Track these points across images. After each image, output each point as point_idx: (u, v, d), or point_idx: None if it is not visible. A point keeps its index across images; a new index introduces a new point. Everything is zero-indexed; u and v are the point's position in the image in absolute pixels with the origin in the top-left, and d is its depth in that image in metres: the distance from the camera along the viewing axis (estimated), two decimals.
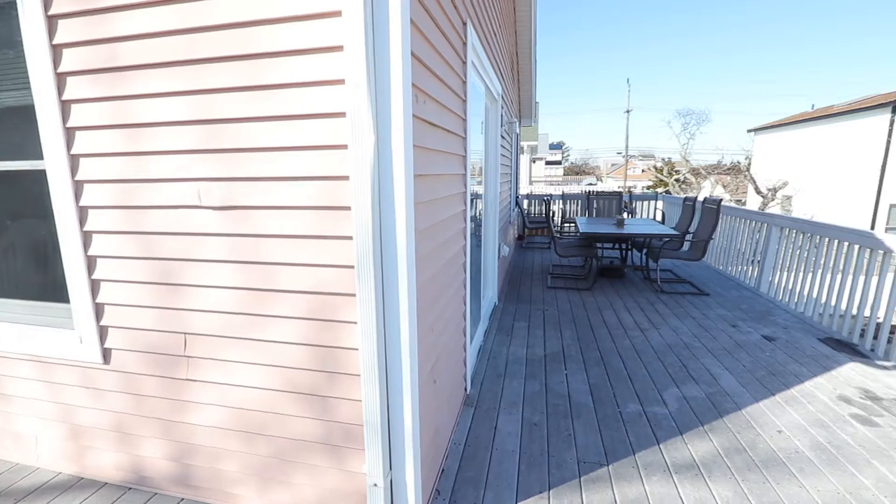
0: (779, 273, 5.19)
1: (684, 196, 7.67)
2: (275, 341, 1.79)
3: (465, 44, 2.57)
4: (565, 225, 9.93)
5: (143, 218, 1.84)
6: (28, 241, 2.18)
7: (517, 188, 9.32)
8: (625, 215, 9.40)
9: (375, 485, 1.77)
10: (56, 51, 1.81)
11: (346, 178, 1.56)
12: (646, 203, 10.42)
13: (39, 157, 1.97)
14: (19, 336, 2.18)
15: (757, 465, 2.31)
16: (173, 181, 1.77)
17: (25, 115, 1.96)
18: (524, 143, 17.03)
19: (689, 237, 6.14)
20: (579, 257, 6.70)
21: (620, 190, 13.60)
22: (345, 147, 1.54)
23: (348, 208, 1.58)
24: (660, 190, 26.83)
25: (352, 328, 1.67)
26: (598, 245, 6.69)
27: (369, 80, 1.47)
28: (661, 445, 2.48)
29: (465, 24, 2.56)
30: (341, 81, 1.50)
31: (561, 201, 10.42)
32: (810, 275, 4.56)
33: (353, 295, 1.64)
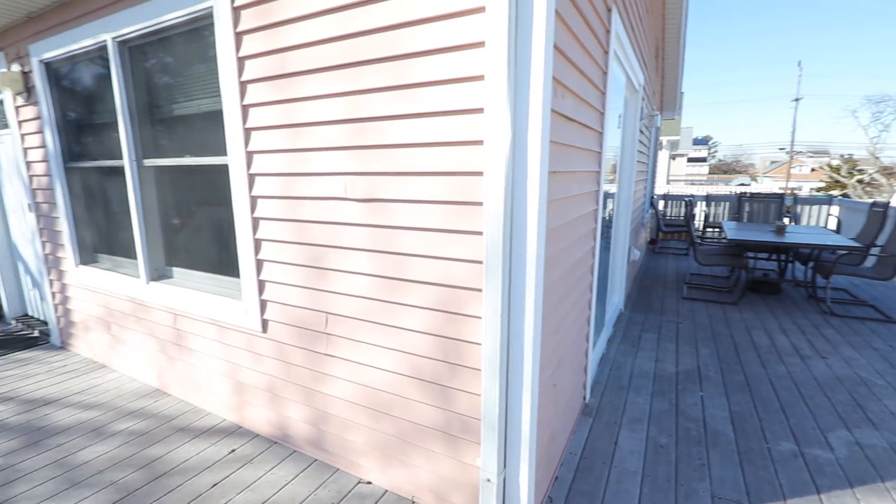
0: None
1: (871, 201, 6.29)
2: (404, 328, 1.89)
3: (608, 32, 2.41)
4: (708, 230, 8.87)
5: (300, 207, 2.08)
6: (212, 224, 2.61)
7: (653, 187, 8.57)
8: (786, 221, 8.07)
9: (489, 480, 1.78)
10: (240, 62, 2.13)
11: (479, 173, 1.57)
12: (814, 208, 8.82)
13: (223, 153, 2.34)
14: (204, 302, 2.63)
15: None
16: (325, 175, 1.96)
17: (213, 119, 2.34)
18: (664, 138, 15.58)
19: (874, 251, 5.03)
20: (724, 267, 5.93)
21: (782, 192, 11.70)
22: (480, 143, 1.55)
23: (480, 204, 1.59)
24: (835, 192, 22.44)
25: (476, 323, 1.69)
26: (749, 254, 5.84)
27: (509, 75, 1.45)
28: (821, 496, 2.08)
29: (609, 10, 2.40)
30: (480, 77, 1.51)
31: (704, 203, 9.33)
32: None
33: (480, 290, 1.65)
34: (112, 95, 2.78)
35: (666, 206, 9.64)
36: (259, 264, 2.31)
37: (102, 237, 3.34)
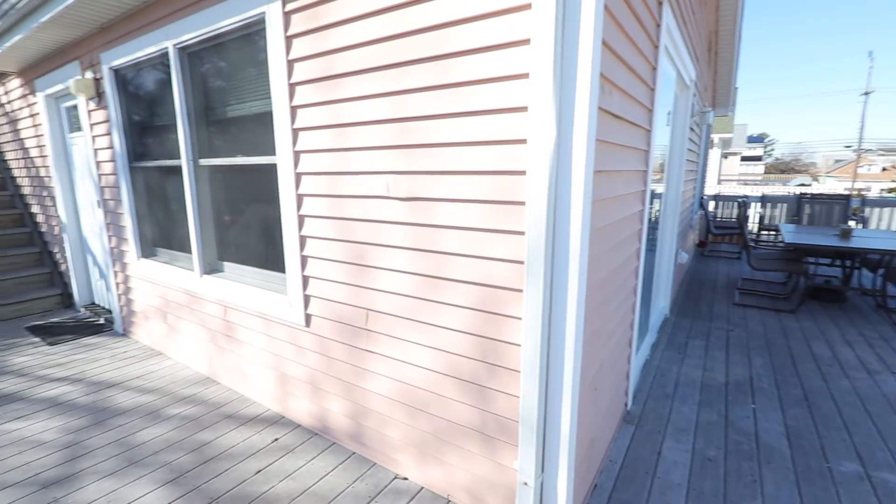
0: None
1: None
2: (442, 327, 1.89)
3: (658, 26, 2.32)
4: (763, 233, 8.38)
5: (343, 205, 2.13)
6: (261, 221, 2.72)
7: (703, 187, 8.20)
8: (852, 224, 7.51)
9: (526, 483, 1.75)
10: (290, 65, 2.20)
11: (522, 172, 1.56)
12: (885, 210, 8.14)
13: (272, 153, 2.43)
14: (251, 296, 2.75)
15: None
16: (368, 174, 2.00)
17: (262, 120, 2.43)
18: (715, 136, 14.87)
19: None
20: (780, 273, 5.59)
21: (847, 193, 10.88)
22: (524, 142, 1.53)
23: (522, 203, 1.57)
24: None
25: (516, 324, 1.67)
26: (810, 260, 5.47)
27: (555, 72, 1.42)
28: None
29: (660, 4, 2.31)
30: (525, 76, 1.49)
31: (759, 204, 8.82)
32: None
33: (521, 291, 1.63)
34: (172, 99, 2.95)
35: (717, 207, 9.19)
36: (303, 260, 2.39)
37: (161, 232, 3.55)
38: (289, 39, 2.17)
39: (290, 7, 2.12)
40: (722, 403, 2.87)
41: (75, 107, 4.28)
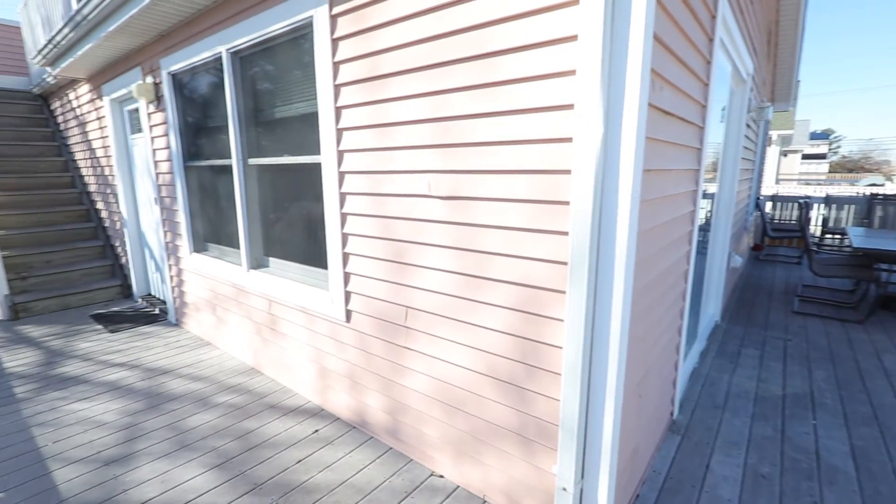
0: None
1: None
2: (482, 326, 1.88)
3: (714, 18, 2.21)
4: (826, 236, 7.83)
5: (385, 204, 2.15)
6: (305, 218, 2.80)
7: (759, 187, 7.75)
8: None
9: (565, 489, 1.71)
10: (335, 67, 2.24)
11: (567, 171, 1.51)
12: None
13: (317, 152, 2.49)
14: (295, 291, 2.83)
15: None
16: (409, 173, 2.01)
17: (307, 121, 2.50)
18: (774, 133, 14.03)
19: None
20: (847, 279, 5.20)
21: None
22: (569, 140, 1.49)
23: (567, 203, 1.53)
24: None
25: (558, 325, 1.63)
26: (881, 266, 5.05)
27: (603, 68, 1.37)
28: None
29: None
30: (572, 72, 1.45)
31: (822, 205, 8.24)
32: None
33: (563, 292, 1.59)
34: (224, 101, 3.08)
35: (774, 209, 8.66)
36: (345, 257, 2.43)
37: (212, 228, 3.72)
38: (335, 42, 2.21)
39: (336, 10, 2.16)
40: (778, 418, 2.70)
41: (137, 110, 4.55)
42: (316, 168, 2.52)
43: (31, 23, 6.26)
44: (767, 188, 12.98)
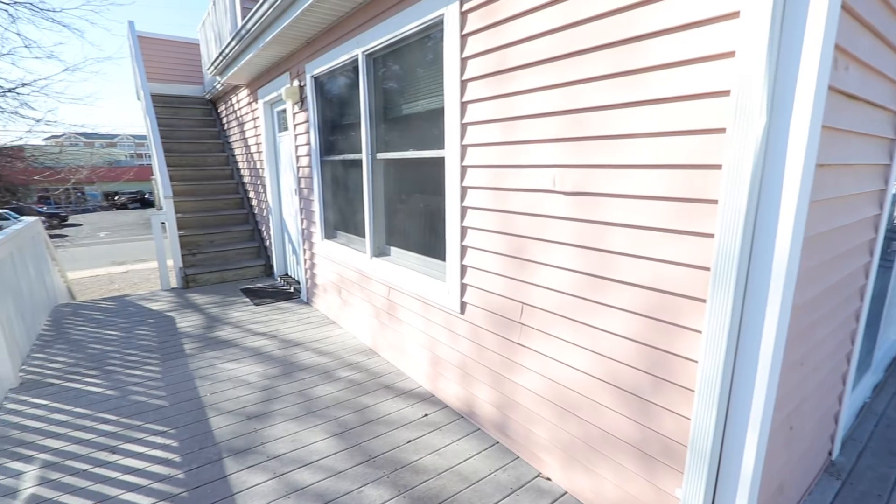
0: None
1: None
2: (602, 329, 1.78)
3: None
4: None
5: (506, 198, 2.14)
6: (425, 210, 2.91)
7: None
8: None
9: None
10: (463, 62, 2.28)
11: (716, 167, 1.36)
12: None
13: (440, 147, 2.56)
14: (413, 280, 2.96)
15: None
16: (534, 167, 1.97)
17: (431, 117, 2.58)
18: None
19: None
20: None
21: None
22: (721, 131, 1.33)
23: (714, 202, 1.37)
24: None
25: (694, 337, 1.48)
26: None
27: (770, 47, 1.20)
28: None
29: None
30: (730, 54, 1.29)
31: None
32: None
33: (703, 300, 1.43)
34: (358, 100, 3.32)
35: None
36: (463, 250, 2.48)
37: (341, 217, 4.06)
38: (463, 38, 2.25)
39: (467, 6, 2.19)
40: None
41: (284, 110, 5.13)
42: (439, 162, 2.60)
43: (206, 39, 7.40)
44: None
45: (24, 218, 5.41)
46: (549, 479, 2.16)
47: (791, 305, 1.37)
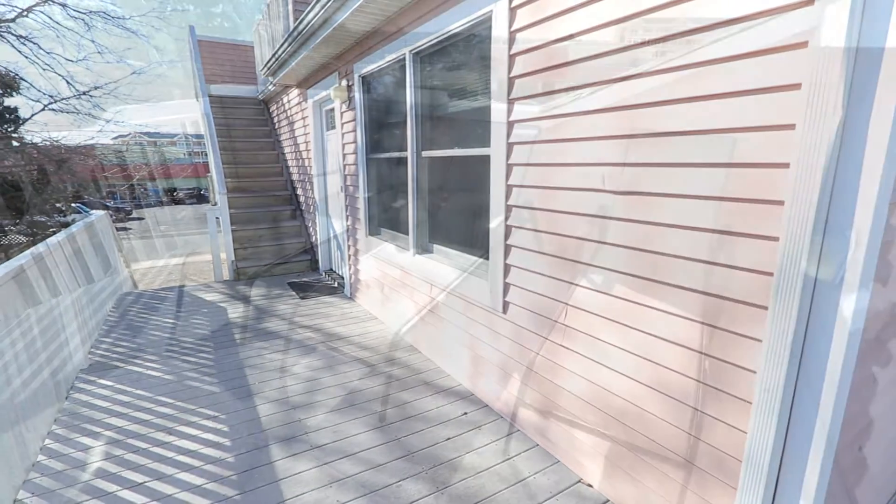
0: None
1: None
2: (651, 334, 1.71)
3: None
4: None
5: (552, 197, 2.10)
6: (469, 209, 2.90)
7: None
8: None
9: None
10: (511, 59, 2.26)
11: (783, 165, 1.28)
12: None
13: (486, 145, 2.55)
14: (456, 277, 2.97)
15: None
16: (581, 165, 1.93)
17: (476, 115, 2.57)
18: None
19: None
20: None
21: None
22: (791, 127, 1.25)
23: (779, 203, 1.29)
24: None
25: (752, 346, 1.40)
26: None
27: (850, 34, 1.11)
28: None
29: None
30: (803, 45, 1.21)
31: None
32: None
33: (764, 308, 1.35)
34: (404, 98, 3.36)
35: None
36: (507, 249, 2.46)
37: (385, 214, 4.13)
38: (512, 34, 2.23)
39: (516, 2, 2.17)
40: None
41: (332, 110, 5.27)
42: (483, 160, 2.59)
43: (260, 41, 7.71)
44: None
45: (94, 212, 5.86)
46: (590, 485, 2.10)
47: (864, 315, 1.27)
